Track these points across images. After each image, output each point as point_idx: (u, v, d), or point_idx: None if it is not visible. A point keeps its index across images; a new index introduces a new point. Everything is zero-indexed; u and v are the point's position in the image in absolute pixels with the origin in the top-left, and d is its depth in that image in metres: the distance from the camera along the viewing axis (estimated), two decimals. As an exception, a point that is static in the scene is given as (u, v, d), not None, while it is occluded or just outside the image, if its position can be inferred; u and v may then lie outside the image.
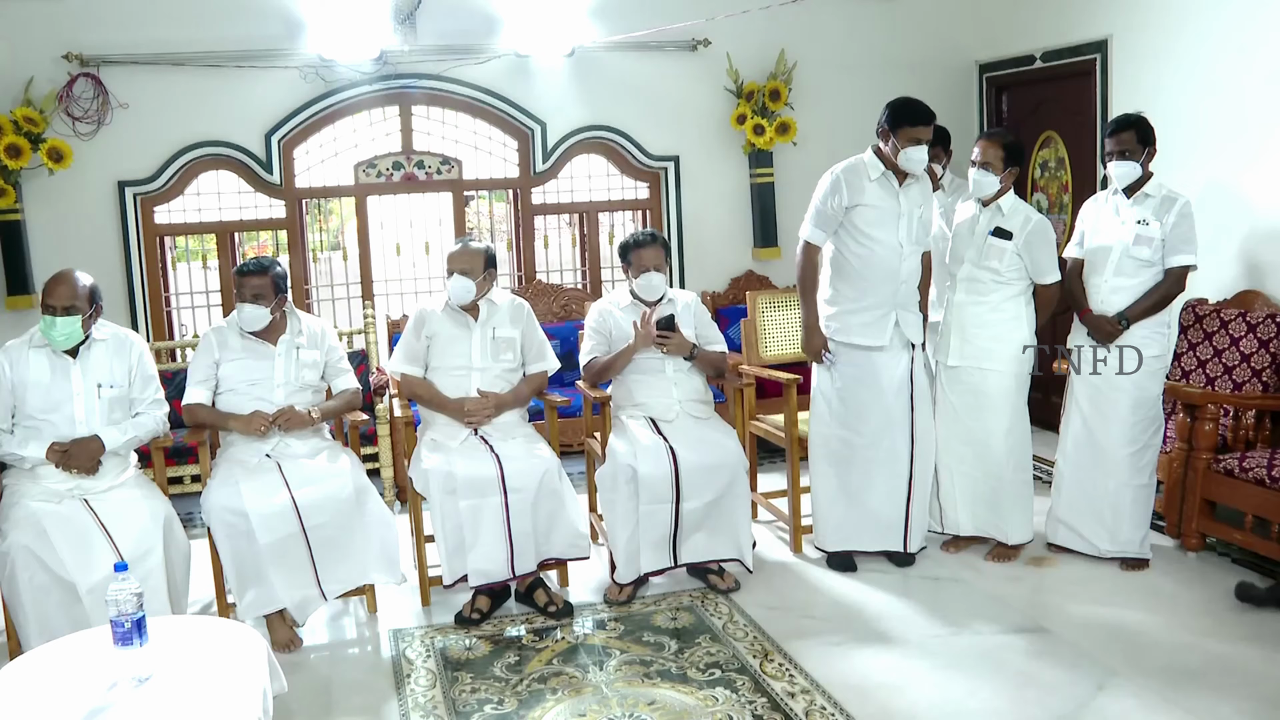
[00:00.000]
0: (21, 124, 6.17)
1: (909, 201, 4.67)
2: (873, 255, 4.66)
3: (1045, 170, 6.99)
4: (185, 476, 5.86)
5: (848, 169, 4.67)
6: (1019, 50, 7.03)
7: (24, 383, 4.11)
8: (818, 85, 7.34)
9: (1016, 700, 3.61)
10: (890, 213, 4.64)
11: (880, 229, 4.64)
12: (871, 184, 4.63)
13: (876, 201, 4.63)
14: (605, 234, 7.62)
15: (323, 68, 6.72)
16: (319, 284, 7.48)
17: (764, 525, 5.35)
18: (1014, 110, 7.31)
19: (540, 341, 4.75)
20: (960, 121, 7.19)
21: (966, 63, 7.52)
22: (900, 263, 4.67)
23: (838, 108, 7.24)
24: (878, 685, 3.74)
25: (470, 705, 3.71)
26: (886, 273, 4.67)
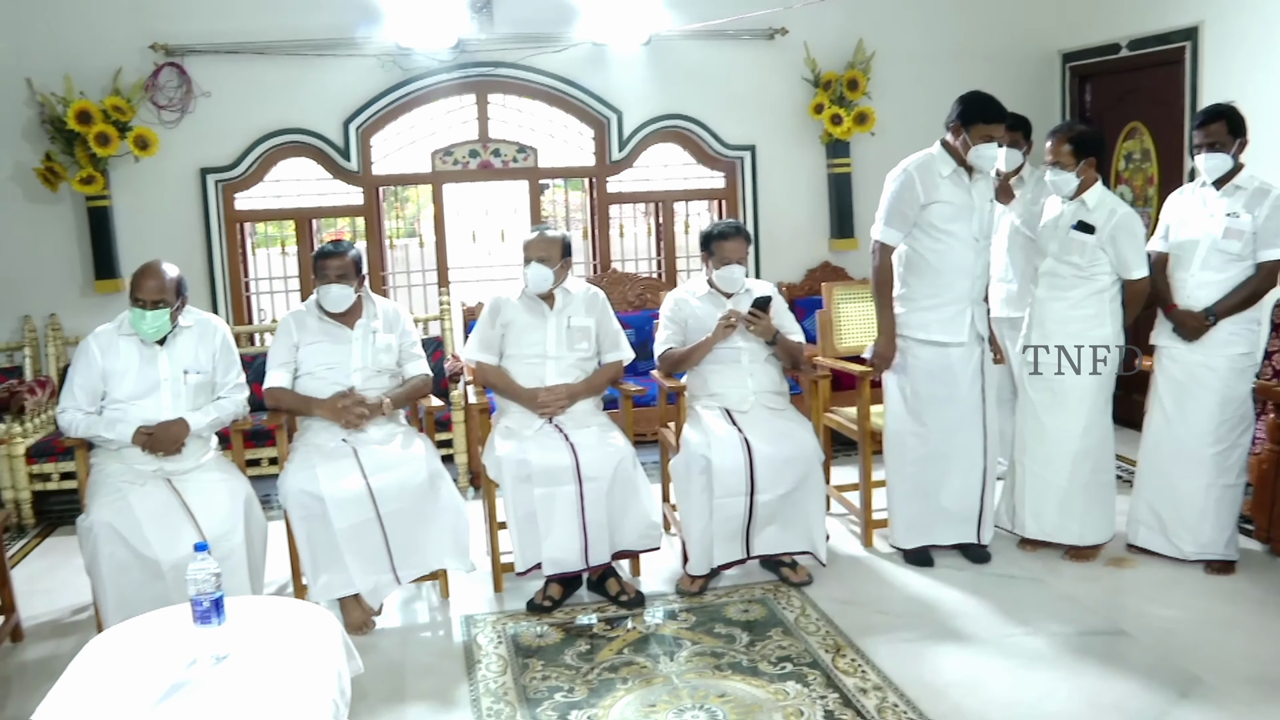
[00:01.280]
0: (110, 113, 6.30)
1: (980, 196, 4.60)
2: (950, 251, 4.59)
3: (1130, 162, 6.84)
4: (263, 459, 5.95)
5: (920, 166, 4.59)
6: (1104, 38, 6.89)
7: (113, 369, 4.18)
8: (896, 75, 7.26)
9: (1094, 704, 3.53)
10: (964, 208, 4.57)
11: (956, 224, 4.57)
12: (944, 180, 4.56)
13: (951, 198, 4.56)
14: (681, 223, 7.59)
15: (400, 56, 6.77)
16: (395, 270, 7.56)
17: (836, 518, 5.31)
18: (1097, 100, 7.17)
19: (615, 331, 4.75)
20: (1041, 113, 7.04)
21: (1049, 52, 7.39)
22: (975, 257, 4.62)
23: (916, 98, 7.14)
24: (951, 683, 3.68)
25: (541, 692, 3.72)
26: (963, 268, 4.61)
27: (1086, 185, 4.64)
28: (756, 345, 4.71)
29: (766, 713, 3.52)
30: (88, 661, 2.83)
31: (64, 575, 4.90)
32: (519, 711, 3.59)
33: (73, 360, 4.28)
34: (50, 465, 5.88)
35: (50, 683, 2.78)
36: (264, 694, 2.58)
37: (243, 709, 2.51)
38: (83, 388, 4.19)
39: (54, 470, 5.90)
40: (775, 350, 4.72)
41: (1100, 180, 4.70)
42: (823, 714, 3.50)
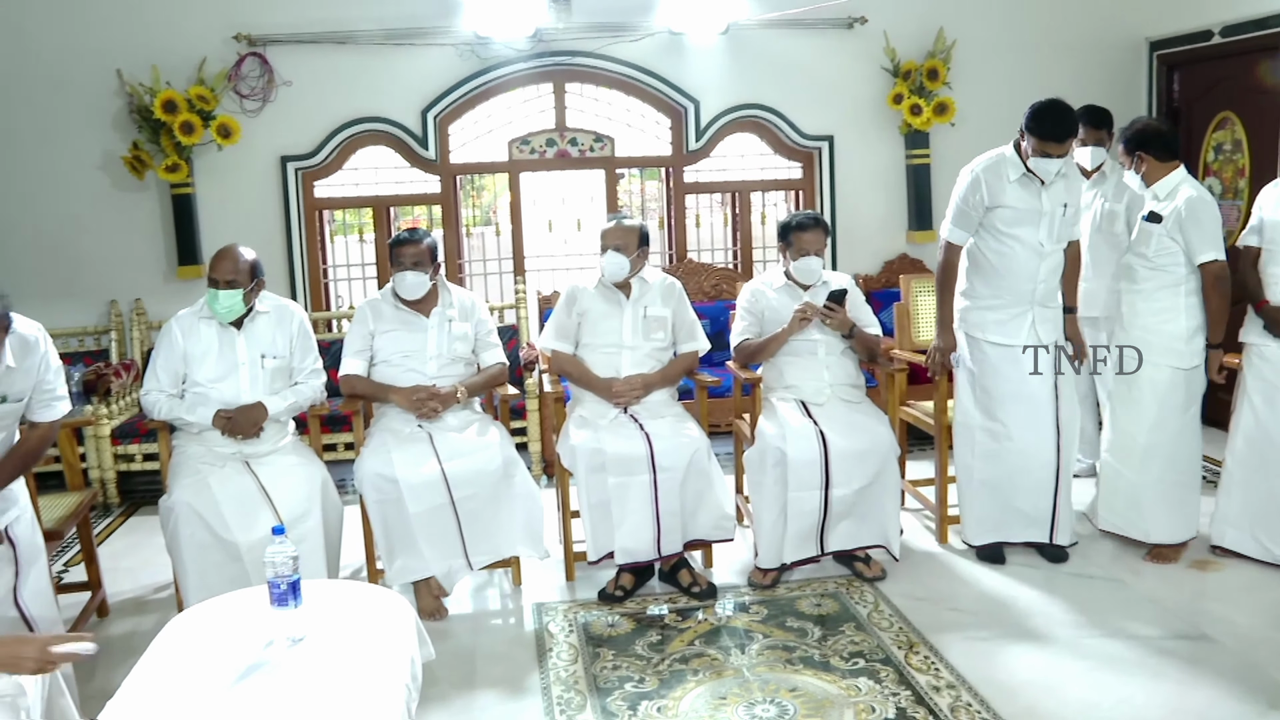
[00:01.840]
0: (195, 102, 6.42)
1: (1052, 200, 4.50)
2: (1013, 254, 4.53)
3: (1220, 154, 6.67)
4: (339, 444, 6.02)
5: (987, 168, 4.53)
6: (1195, 25, 6.71)
7: (194, 352, 4.25)
8: (977, 64, 7.15)
9: (1175, 711, 3.44)
10: (1031, 213, 4.50)
11: (1021, 228, 4.51)
12: (1012, 184, 4.50)
13: (1016, 202, 4.50)
14: (757, 214, 7.55)
15: (479, 45, 6.80)
16: (471, 259, 7.60)
17: (910, 513, 5.25)
18: (1186, 90, 6.99)
19: (691, 321, 4.73)
20: (1128, 103, 6.93)
21: (1136, 40, 7.22)
22: (1040, 262, 4.53)
23: (997, 88, 7.04)
24: (1026, 684, 3.62)
25: (611, 682, 3.72)
26: (1025, 272, 4.54)
27: (1154, 176, 4.55)
28: (833, 338, 4.67)
29: (838, 708, 3.49)
30: (169, 639, 2.88)
31: (146, 554, 5.00)
32: (589, 700, 3.60)
33: (156, 343, 4.36)
34: (134, 446, 6.01)
35: (134, 658, 2.84)
36: (339, 677, 2.61)
37: (318, 691, 2.54)
38: (165, 370, 4.26)
39: (138, 451, 6.02)
40: (852, 343, 4.68)
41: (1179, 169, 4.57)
42: (895, 711, 3.47)
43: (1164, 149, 4.56)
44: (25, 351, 3.45)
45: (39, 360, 3.52)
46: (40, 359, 3.52)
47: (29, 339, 3.48)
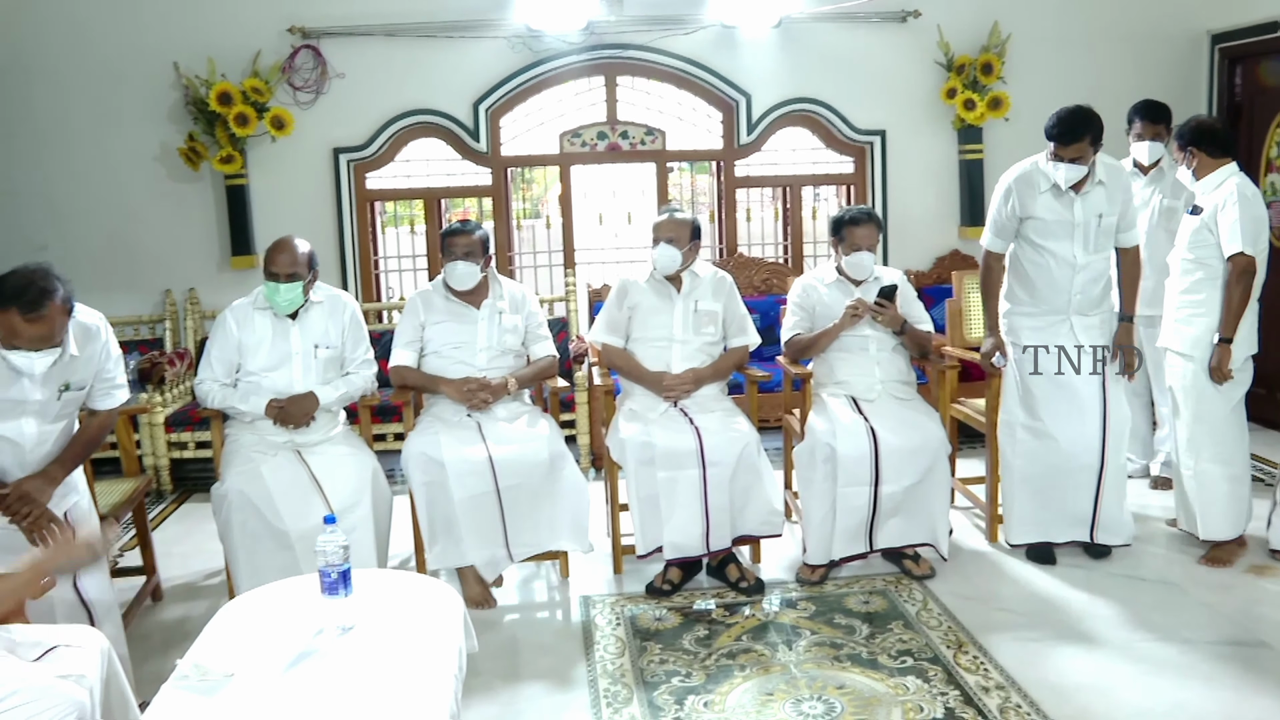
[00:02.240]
0: (249, 94, 6.47)
1: (1086, 210, 4.44)
2: (1045, 266, 4.52)
3: (1284, 150, 6.56)
4: (389, 434, 6.06)
5: (1020, 178, 4.52)
6: (1259, 17, 6.56)
7: (248, 341, 4.29)
8: (1032, 58, 7.07)
9: (1230, 718, 3.38)
10: (1063, 224, 4.46)
11: (1052, 241, 4.48)
12: (1043, 194, 4.46)
13: (1046, 214, 4.46)
14: (809, 208, 7.51)
15: (530, 38, 6.81)
16: (521, 251, 7.62)
17: (960, 511, 5.20)
18: (1248, 84, 6.86)
19: (742, 316, 4.71)
20: (1187, 98, 6.82)
21: (1196, 32, 7.10)
22: (1074, 274, 4.49)
23: (1053, 83, 6.94)
24: (1077, 686, 3.58)
25: (658, 676, 3.72)
26: (1058, 284, 4.52)
27: (1204, 172, 4.51)
28: (884, 334, 4.64)
29: (885, 707, 3.47)
30: (221, 625, 2.92)
31: (198, 540, 5.05)
32: (635, 694, 3.60)
33: (210, 333, 4.40)
34: (187, 434, 6.08)
35: (186, 642, 2.88)
36: (388, 666, 2.63)
37: (367, 680, 2.56)
38: (219, 359, 4.30)
39: (190, 439, 6.10)
40: (903, 339, 4.65)
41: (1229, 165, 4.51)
42: (943, 711, 3.44)
43: (1216, 145, 4.51)
44: (86, 340, 3.52)
45: (100, 349, 3.59)
46: (101, 348, 3.59)
47: (90, 328, 3.54)
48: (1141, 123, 5.12)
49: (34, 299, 3.18)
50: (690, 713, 3.47)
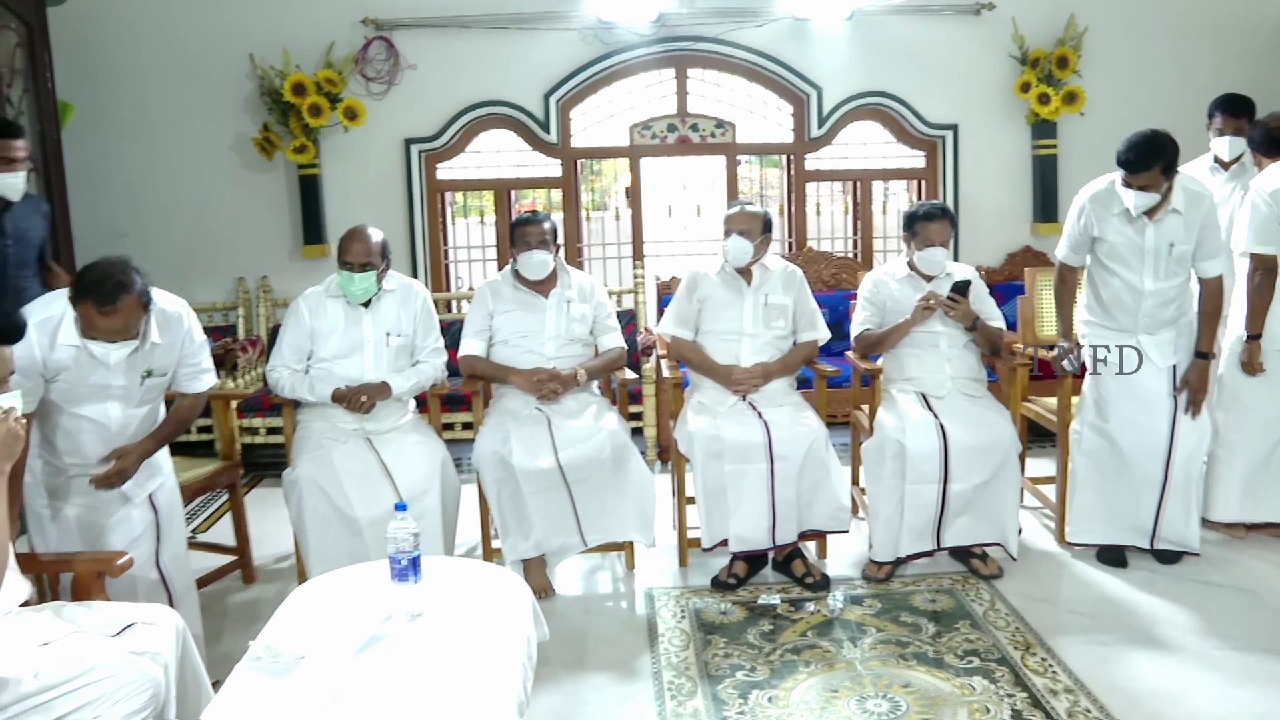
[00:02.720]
0: (323, 85, 6.56)
1: (1158, 238, 4.34)
2: (1114, 288, 4.46)
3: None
4: (456, 424, 6.11)
5: (1094, 197, 4.45)
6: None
7: (320, 329, 4.33)
8: (1109, 51, 6.97)
9: (1316, 732, 3.30)
10: (1132, 250, 4.38)
11: (1120, 265, 4.42)
12: (1115, 217, 4.39)
13: (1117, 238, 4.39)
14: (878, 203, 7.46)
15: (602, 30, 6.83)
16: (590, 243, 7.64)
17: (1029, 511, 5.12)
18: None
19: (812, 310, 4.69)
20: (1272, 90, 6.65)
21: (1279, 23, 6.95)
22: (1141, 299, 4.41)
23: (1131, 76, 6.86)
24: (1149, 693, 3.50)
25: (722, 670, 3.71)
26: (1126, 306, 4.45)
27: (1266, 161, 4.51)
28: (955, 330, 4.59)
29: (951, 707, 3.43)
30: (292, 608, 2.95)
31: (268, 525, 5.11)
32: (700, 687, 3.60)
33: (283, 320, 4.46)
34: (258, 420, 6.16)
35: (255, 624, 2.92)
36: (456, 653, 2.65)
37: (436, 666, 2.58)
38: (291, 346, 4.36)
39: (261, 424, 6.18)
40: (974, 336, 4.60)
41: None
42: (1010, 713, 3.39)
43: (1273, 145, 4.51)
44: (169, 326, 3.59)
45: (182, 336, 3.66)
46: (184, 335, 3.67)
47: (173, 315, 3.62)
48: (1222, 117, 5.01)
49: (110, 293, 3.25)
50: (754, 707, 3.46)
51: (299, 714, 2.38)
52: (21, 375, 3.27)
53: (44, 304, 3.44)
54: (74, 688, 2.52)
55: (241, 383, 6.31)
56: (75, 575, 3.07)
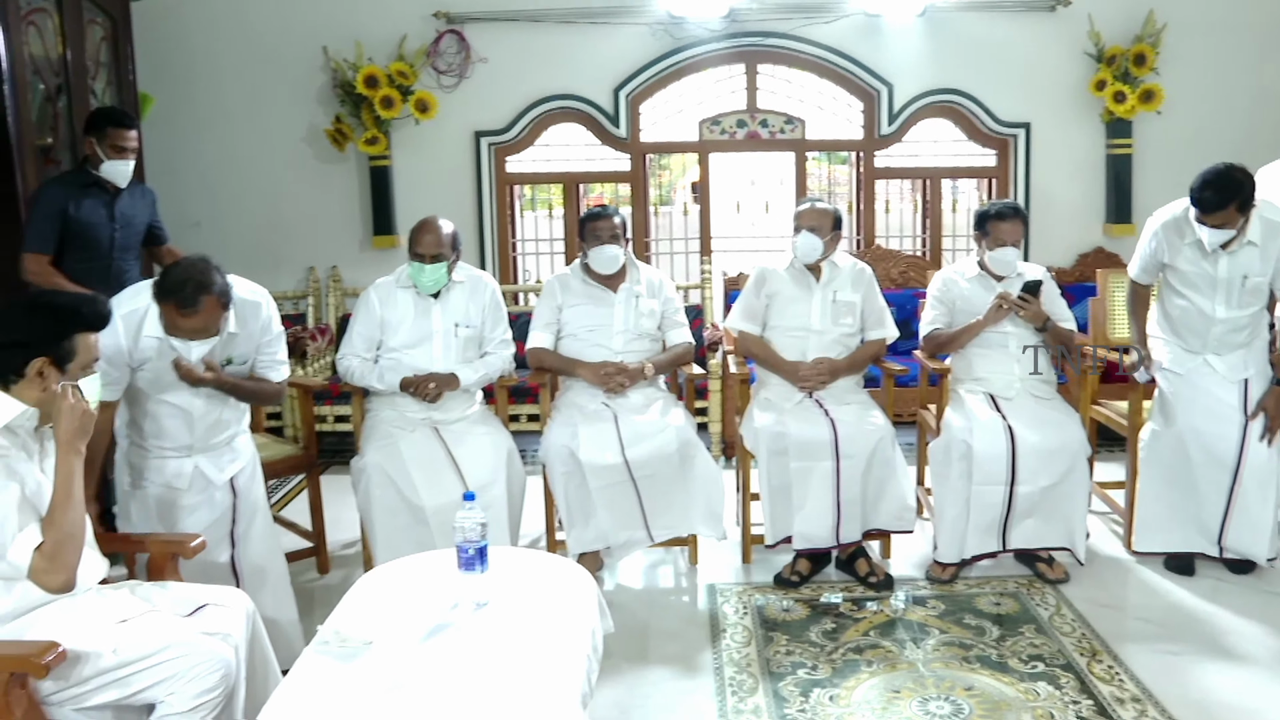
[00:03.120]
0: (395, 77, 6.62)
1: (1231, 269, 4.29)
2: (1183, 313, 4.42)
3: None
4: (522, 415, 6.14)
5: (1167, 224, 4.40)
6: None
7: (390, 319, 4.38)
8: (1189, 49, 6.82)
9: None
10: (1204, 279, 4.33)
11: (1192, 292, 4.38)
12: (1188, 246, 4.33)
13: (1188, 266, 4.35)
14: (948, 201, 7.39)
15: (672, 25, 6.82)
16: (658, 238, 7.64)
17: (1097, 516, 5.04)
18: None
19: (880, 308, 4.66)
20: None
21: (1369, 20, 6.80)
22: (1211, 325, 4.36)
23: (1210, 74, 6.72)
24: (1222, 705, 3.43)
25: (784, 667, 3.71)
26: (1196, 330, 4.41)
27: None
28: (1025, 331, 4.54)
29: (1015, 712, 3.40)
30: (360, 594, 2.99)
31: (334, 511, 5.14)
32: (761, 684, 3.60)
33: (354, 310, 4.51)
34: (326, 408, 6.24)
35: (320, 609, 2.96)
36: (521, 643, 2.67)
37: (501, 655, 2.60)
38: (361, 336, 4.40)
39: (329, 412, 6.26)
40: (1045, 337, 4.55)
41: None
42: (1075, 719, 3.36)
43: None
44: (248, 315, 3.66)
45: (262, 324, 3.74)
46: (263, 323, 3.74)
47: (252, 303, 3.69)
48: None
49: (190, 295, 3.32)
50: (815, 705, 3.46)
51: (365, 699, 2.41)
52: (110, 364, 3.38)
53: (131, 296, 3.52)
54: (149, 665, 2.59)
55: (310, 370, 6.39)
56: (150, 556, 3.13)
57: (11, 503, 2.54)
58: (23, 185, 4.78)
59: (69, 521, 2.60)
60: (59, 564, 2.57)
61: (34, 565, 2.55)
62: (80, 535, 2.65)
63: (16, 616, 2.63)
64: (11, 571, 2.57)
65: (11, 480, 2.56)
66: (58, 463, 2.64)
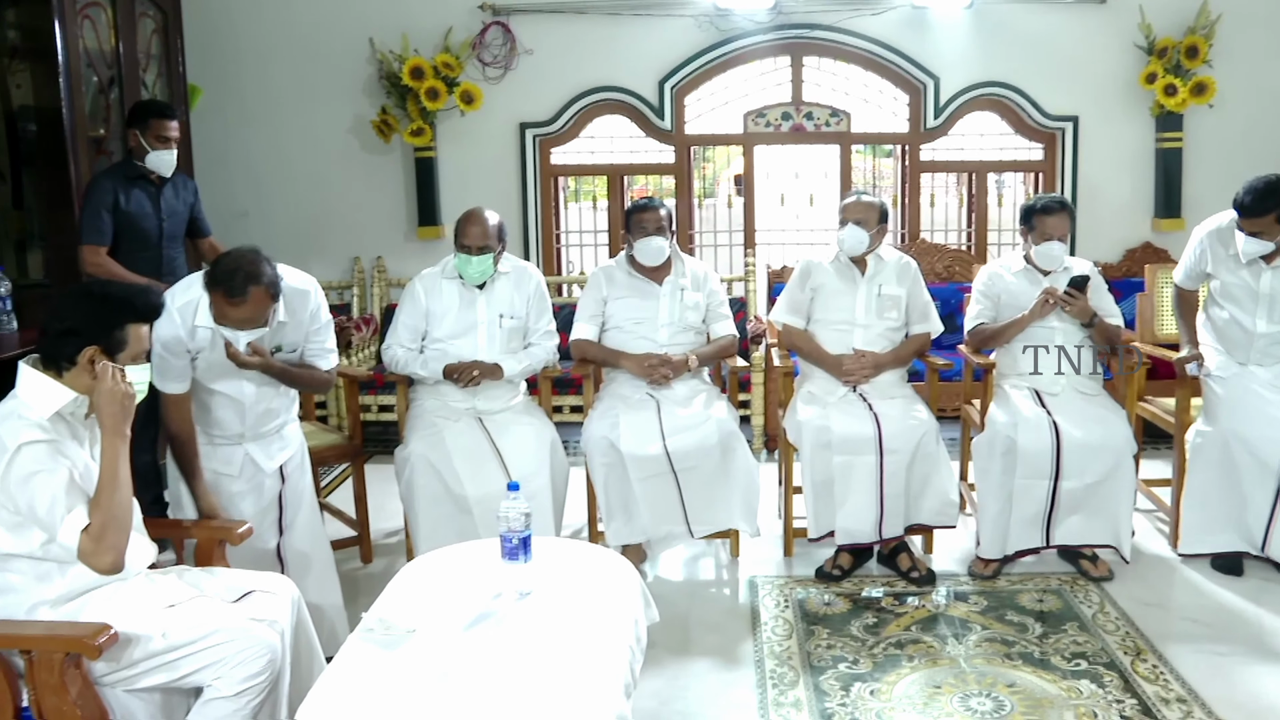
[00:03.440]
0: (440, 69, 6.65)
1: (1274, 283, 4.26)
2: (1227, 323, 4.41)
3: None
4: (565, 407, 6.16)
5: (1213, 233, 4.39)
6: None
7: (435, 309, 4.41)
8: (1244, 40, 6.72)
9: None
10: (1245, 292, 4.31)
11: (1232, 305, 4.37)
12: (1230, 256, 4.31)
13: (1230, 278, 4.33)
14: (994, 196, 7.33)
15: (718, 17, 6.81)
16: (702, 230, 7.64)
17: (1142, 514, 4.99)
18: None
19: (925, 302, 4.64)
20: None
21: None
22: (1253, 339, 4.34)
23: (1266, 66, 6.63)
24: (1270, 707, 3.39)
25: (825, 661, 3.71)
26: (1238, 341, 4.41)
27: None
28: (1071, 326, 4.50)
29: (1057, 709, 3.38)
30: (404, 583, 3.02)
31: (377, 501, 5.18)
32: (802, 677, 3.60)
33: (400, 300, 4.54)
34: (370, 397, 6.28)
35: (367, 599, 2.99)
36: (565, 632, 2.68)
37: (544, 645, 2.62)
38: (407, 326, 4.43)
39: (373, 402, 6.30)
40: (1091, 332, 4.50)
41: None
42: (1118, 718, 3.33)
43: None
44: (297, 303, 3.69)
45: (310, 312, 3.76)
46: (311, 311, 3.76)
47: (301, 291, 3.72)
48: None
49: (239, 285, 3.34)
50: (856, 699, 3.45)
51: (409, 686, 2.44)
52: (173, 355, 3.45)
53: (184, 288, 3.57)
54: (197, 649, 2.63)
55: (355, 360, 6.43)
56: (198, 542, 3.17)
57: (61, 485, 2.58)
58: (76, 176, 4.89)
59: (115, 504, 2.64)
60: (106, 545, 2.61)
61: (82, 546, 2.59)
62: (127, 518, 2.69)
63: (69, 600, 2.68)
64: (61, 553, 2.62)
65: (61, 464, 2.61)
66: (103, 446, 2.68)
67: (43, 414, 2.64)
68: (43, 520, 2.57)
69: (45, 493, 2.56)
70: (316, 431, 4.73)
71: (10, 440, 2.58)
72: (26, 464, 2.56)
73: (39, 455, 2.58)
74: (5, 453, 2.56)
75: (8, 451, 2.56)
